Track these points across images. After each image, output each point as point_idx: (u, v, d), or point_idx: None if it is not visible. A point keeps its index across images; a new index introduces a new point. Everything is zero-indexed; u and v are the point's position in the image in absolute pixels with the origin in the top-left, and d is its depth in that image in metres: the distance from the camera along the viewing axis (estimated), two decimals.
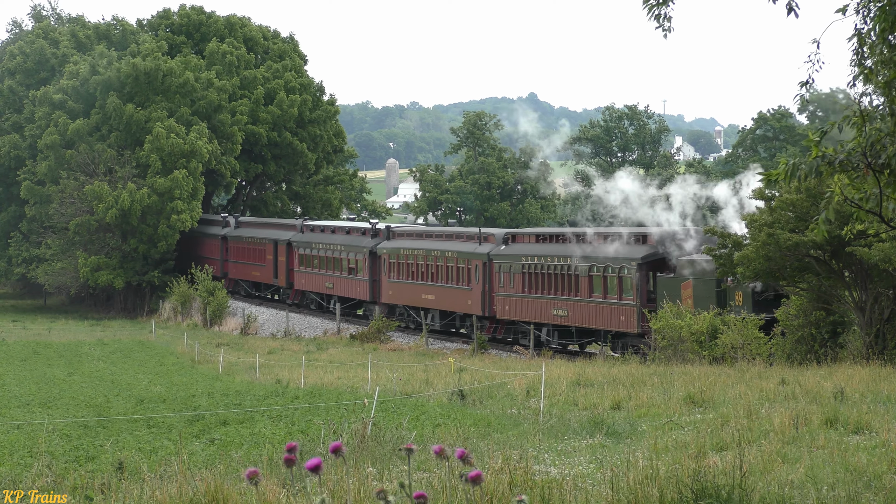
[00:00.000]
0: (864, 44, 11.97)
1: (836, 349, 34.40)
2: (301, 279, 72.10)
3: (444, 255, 58.23)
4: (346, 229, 69.44)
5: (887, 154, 11.72)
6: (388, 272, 62.93)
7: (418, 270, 60.44)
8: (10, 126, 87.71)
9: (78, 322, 76.76)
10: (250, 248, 78.27)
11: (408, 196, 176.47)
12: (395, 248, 62.68)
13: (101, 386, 37.72)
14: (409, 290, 61.11)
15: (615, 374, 33.68)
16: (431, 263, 59.30)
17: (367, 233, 66.13)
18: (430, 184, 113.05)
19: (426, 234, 62.73)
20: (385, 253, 63.27)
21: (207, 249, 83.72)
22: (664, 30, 11.92)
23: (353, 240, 67.04)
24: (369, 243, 65.04)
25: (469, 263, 56.37)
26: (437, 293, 58.82)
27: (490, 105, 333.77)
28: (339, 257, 67.61)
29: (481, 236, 56.71)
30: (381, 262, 63.65)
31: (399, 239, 63.90)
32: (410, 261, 61.06)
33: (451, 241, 59.12)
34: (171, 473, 15.00)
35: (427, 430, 21.53)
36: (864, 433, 18.18)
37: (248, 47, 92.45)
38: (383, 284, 63.44)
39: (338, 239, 68.64)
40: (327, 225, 72.52)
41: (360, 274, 65.53)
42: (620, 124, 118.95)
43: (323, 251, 69.35)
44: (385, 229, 65.26)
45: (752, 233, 34.69)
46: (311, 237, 71.42)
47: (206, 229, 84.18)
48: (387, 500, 7.29)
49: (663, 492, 12.16)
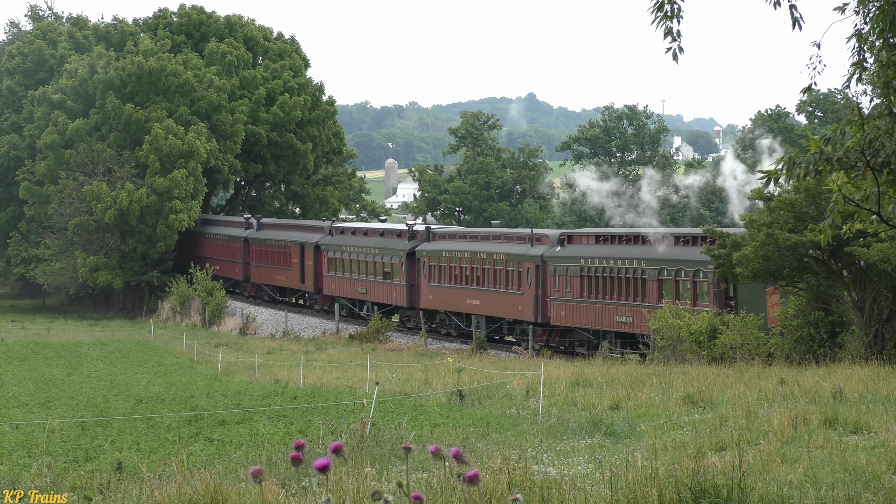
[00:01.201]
0: (864, 43, 11.97)
1: (835, 349, 34.40)
2: (330, 284, 68.41)
3: (491, 258, 55.06)
4: (381, 231, 65.79)
5: (886, 152, 11.72)
6: (427, 276, 59.62)
7: (462, 274, 57.24)
8: (9, 126, 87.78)
9: (77, 322, 76.76)
10: (274, 251, 74.64)
11: (407, 196, 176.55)
12: (436, 251, 59.37)
13: (100, 386, 37.71)
14: (452, 295, 57.95)
15: (614, 374, 33.68)
16: (477, 266, 56.09)
17: (404, 234, 62.71)
18: (428, 184, 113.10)
19: (471, 236, 59.25)
20: (425, 255, 59.96)
21: (226, 251, 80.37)
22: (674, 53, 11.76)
23: (389, 242, 63.45)
24: (407, 245, 61.67)
25: (520, 266, 53.06)
26: (484, 298, 55.72)
27: (489, 105, 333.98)
28: (372, 260, 64.04)
29: (533, 237, 53.44)
30: (421, 265, 60.35)
31: (440, 240, 60.54)
32: (453, 263, 57.77)
33: (499, 243, 55.86)
34: (170, 473, 15.00)
35: (426, 431, 21.53)
36: (863, 433, 18.18)
37: (248, 47, 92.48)
38: (422, 289, 60.34)
39: (371, 241, 64.97)
40: (359, 227, 69.15)
41: (396, 278, 62.10)
42: (619, 124, 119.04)
43: (355, 254, 65.73)
44: (424, 230, 61.91)
45: (750, 233, 34.69)
46: (341, 240, 67.92)
47: (226, 231, 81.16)
48: (384, 500, 7.29)
49: (662, 492, 12.16)
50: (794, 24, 11.87)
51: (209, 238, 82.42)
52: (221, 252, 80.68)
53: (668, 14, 11.63)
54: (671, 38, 11.70)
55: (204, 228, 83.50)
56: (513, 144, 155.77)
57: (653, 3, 11.68)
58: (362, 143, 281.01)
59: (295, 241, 71.91)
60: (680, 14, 11.64)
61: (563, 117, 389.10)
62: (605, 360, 43.31)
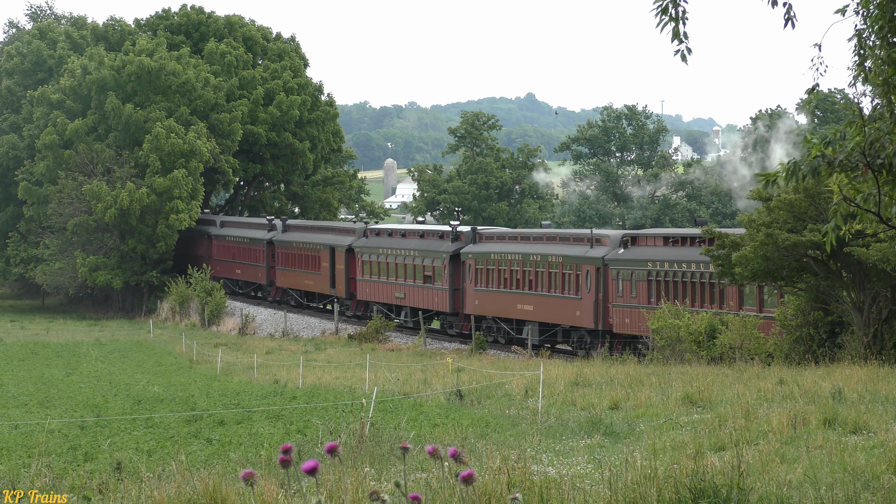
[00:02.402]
0: (863, 45, 11.97)
1: (835, 349, 34.39)
2: (364, 289, 64.94)
3: (545, 260, 51.83)
4: (420, 232, 62.70)
5: (887, 154, 11.72)
6: (474, 280, 56.43)
7: (513, 277, 54.03)
8: (8, 126, 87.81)
9: (76, 322, 76.75)
10: (302, 255, 71.38)
11: (406, 196, 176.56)
12: (483, 253, 56.20)
13: (99, 386, 37.71)
14: (501, 300, 54.79)
15: (613, 374, 33.68)
16: (530, 269, 52.80)
17: (447, 236, 59.39)
18: (428, 184, 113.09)
19: (522, 237, 56.38)
20: (471, 258, 56.76)
21: (248, 255, 77.52)
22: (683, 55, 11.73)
23: (430, 244, 60.26)
24: (450, 247, 58.35)
25: (578, 269, 49.75)
26: (537, 303, 52.39)
27: (488, 105, 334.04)
28: (412, 263, 60.73)
29: (593, 238, 50.14)
30: (466, 268, 57.17)
31: (487, 242, 57.41)
32: (503, 266, 54.59)
33: (554, 244, 52.56)
34: (169, 473, 14.99)
35: (425, 430, 21.53)
36: (863, 433, 18.17)
37: (248, 47, 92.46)
38: (468, 293, 57.17)
39: (410, 243, 61.57)
40: (396, 228, 65.95)
41: (438, 282, 58.93)
42: (619, 124, 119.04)
43: (392, 257, 62.26)
44: (470, 231, 58.61)
45: (750, 233, 34.68)
46: (376, 242, 64.45)
47: (247, 233, 78.16)
48: (382, 501, 7.28)
49: (661, 492, 12.16)
50: (786, 22, 11.88)
51: (229, 240, 79.78)
52: (243, 255, 78.12)
53: (673, 17, 11.61)
54: (678, 40, 11.67)
55: (223, 230, 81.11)
56: (512, 144, 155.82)
57: (656, 6, 11.65)
58: (361, 143, 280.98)
59: (325, 243, 68.86)
60: (685, 17, 11.63)
61: (562, 117, 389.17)
62: (605, 360, 43.26)
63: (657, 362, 38.56)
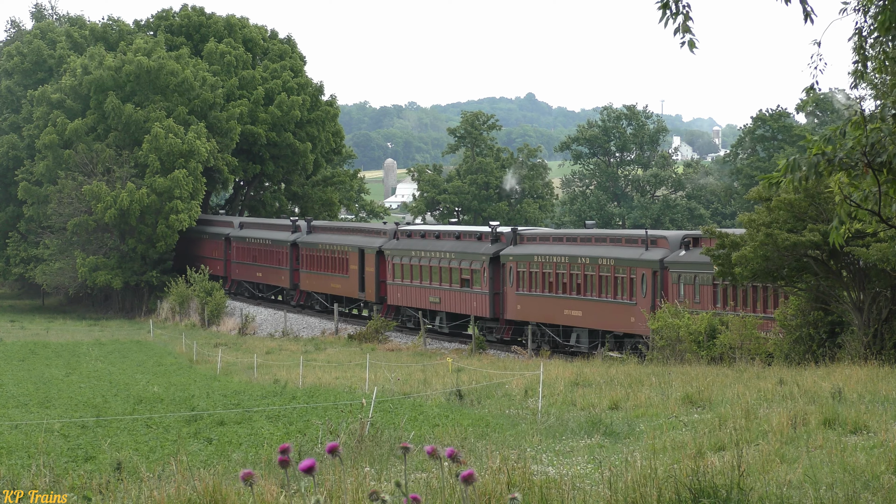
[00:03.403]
0: (864, 42, 11.97)
1: (835, 349, 34.40)
2: (396, 293, 62.14)
3: (595, 263, 49.03)
4: (456, 233, 59.69)
5: (888, 153, 11.73)
6: (515, 283, 53.71)
7: (559, 281, 51.17)
8: (8, 126, 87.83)
9: (76, 322, 76.75)
10: (329, 257, 68.68)
11: (406, 196, 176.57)
12: (525, 255, 53.39)
13: (99, 386, 37.71)
14: (547, 305, 51.84)
15: (613, 374, 33.69)
16: (577, 273, 50.06)
17: (486, 237, 56.79)
18: (427, 184, 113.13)
19: (568, 238, 53.51)
20: (512, 260, 54.10)
21: (270, 257, 74.73)
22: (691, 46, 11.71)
23: (468, 246, 57.45)
24: (490, 249, 55.59)
25: (632, 272, 47.04)
26: (586, 308, 49.49)
27: (488, 105, 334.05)
28: (448, 266, 57.94)
29: (648, 239, 47.32)
30: (507, 271, 54.46)
31: (530, 243, 54.45)
32: (548, 269, 51.68)
33: (605, 246, 49.86)
34: (169, 473, 14.99)
35: (425, 431, 21.53)
36: (862, 433, 18.17)
37: (247, 48, 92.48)
38: (509, 298, 54.42)
39: (446, 245, 58.84)
40: (430, 229, 63.48)
41: (477, 286, 56.16)
42: (618, 124, 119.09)
43: (426, 260, 59.46)
44: (511, 232, 55.80)
45: (750, 233, 34.69)
46: (408, 244, 61.76)
47: (269, 234, 75.56)
48: (382, 501, 7.28)
49: (661, 492, 12.16)
50: (805, 17, 11.86)
51: (248, 242, 77.30)
52: (264, 257, 75.59)
53: (675, 11, 11.62)
54: (682, 33, 11.68)
55: (243, 232, 78.60)
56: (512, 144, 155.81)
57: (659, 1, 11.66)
58: (361, 143, 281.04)
59: (354, 245, 66.30)
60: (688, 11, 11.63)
61: (561, 117, 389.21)
62: (605, 360, 43.27)
63: (657, 362, 38.57)
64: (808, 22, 11.81)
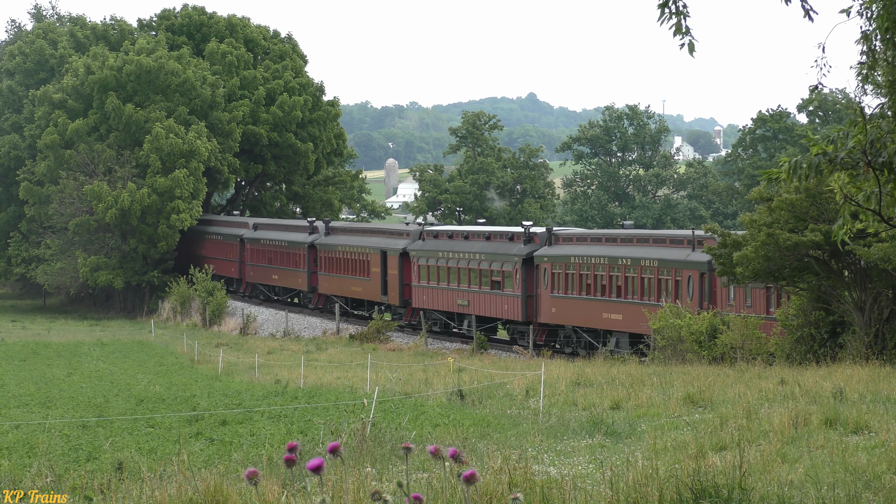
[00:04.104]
0: (870, 44, 11.97)
1: (836, 349, 34.39)
2: (420, 296, 59.96)
3: (637, 264, 47.03)
4: (486, 234, 57.44)
5: (888, 152, 11.72)
6: (550, 285, 51.50)
7: (597, 283, 49.06)
8: (10, 126, 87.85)
9: (77, 322, 76.78)
10: (349, 259, 66.43)
11: (407, 196, 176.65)
12: (561, 256, 51.19)
13: (101, 386, 37.72)
14: (584, 308, 49.75)
15: (614, 374, 33.69)
16: (618, 274, 48.06)
17: (518, 237, 54.53)
18: (429, 184, 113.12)
19: (607, 238, 51.28)
20: (546, 262, 51.85)
21: (286, 259, 72.84)
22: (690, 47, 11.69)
23: (499, 246, 55.32)
24: (522, 250, 53.38)
25: (678, 274, 45.13)
26: (627, 312, 47.37)
27: (489, 105, 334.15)
28: (477, 268, 55.92)
29: (695, 240, 45.12)
30: (541, 273, 52.21)
31: (566, 244, 52.27)
32: (585, 271, 49.67)
33: (647, 247, 47.75)
34: (170, 473, 15.00)
35: (426, 430, 21.54)
36: (864, 433, 18.18)
37: (249, 48, 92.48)
38: (543, 301, 52.11)
39: (475, 246, 56.63)
40: (458, 230, 60.56)
41: (508, 288, 54.02)
42: (620, 124, 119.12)
43: (454, 261, 57.37)
44: (545, 233, 53.54)
45: (751, 232, 34.69)
46: (434, 245, 59.57)
47: (285, 235, 73.56)
48: (384, 501, 7.28)
49: (663, 492, 12.16)
50: (805, 14, 11.84)
51: (264, 244, 75.12)
52: (280, 259, 73.76)
53: (673, 12, 11.62)
54: (681, 34, 11.67)
55: (257, 233, 76.42)
56: (513, 144, 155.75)
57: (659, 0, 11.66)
58: (363, 143, 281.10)
59: (375, 246, 64.08)
60: (686, 11, 11.63)
61: (563, 117, 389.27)
62: (606, 360, 43.25)
63: (658, 362, 38.57)
64: (808, 19, 11.81)
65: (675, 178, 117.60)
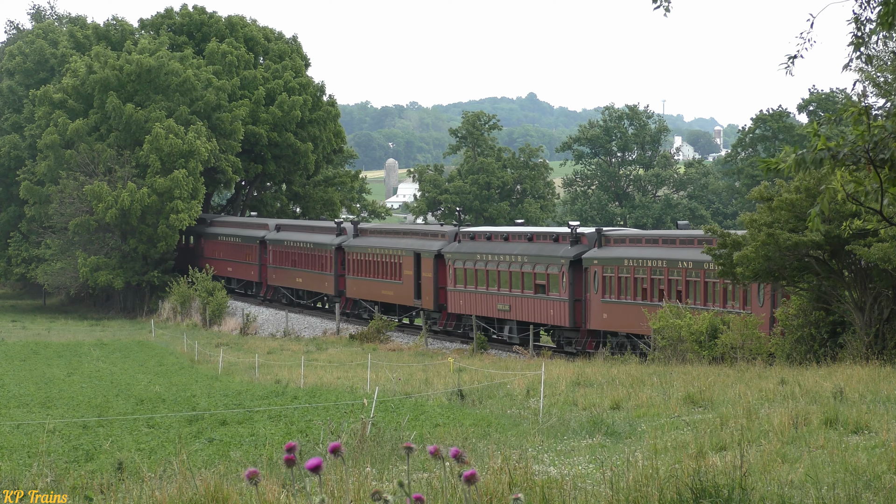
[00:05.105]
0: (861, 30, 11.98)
1: (836, 349, 34.38)
2: (457, 300, 57.37)
3: (700, 267, 44.02)
4: (528, 235, 54.75)
5: (891, 152, 11.73)
6: (601, 290, 48.64)
7: (654, 287, 46.45)
8: (10, 126, 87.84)
9: (77, 322, 76.76)
10: (379, 262, 63.88)
11: (407, 196, 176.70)
12: (613, 258, 48.51)
13: (101, 386, 37.71)
14: (640, 314, 45.65)
15: (614, 374, 33.68)
16: (678, 278, 45.25)
17: (564, 238, 51.76)
18: (429, 184, 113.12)
19: (664, 240, 47.85)
20: (597, 264, 49.04)
21: (311, 261, 70.44)
22: (665, 9, 11.77)
23: (543, 248, 52.56)
24: (570, 252, 50.48)
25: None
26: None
27: (489, 105, 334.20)
28: (519, 271, 53.07)
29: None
30: (590, 276, 49.39)
31: (618, 246, 49.44)
32: (641, 274, 46.90)
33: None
34: (170, 473, 15.00)
35: (427, 430, 21.53)
36: (864, 433, 18.17)
37: (249, 47, 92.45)
38: (593, 305, 49.20)
39: (517, 248, 54.02)
40: (497, 231, 57.96)
41: (554, 292, 51.02)
42: (620, 124, 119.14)
43: (493, 264, 54.71)
44: (594, 234, 50.57)
45: (751, 232, 34.68)
46: (472, 247, 56.87)
47: (310, 237, 71.30)
48: (384, 501, 7.28)
49: (663, 492, 12.15)
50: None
51: (287, 246, 72.98)
52: (305, 262, 71.39)
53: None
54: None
55: (280, 235, 74.28)
56: (513, 144, 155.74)
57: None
58: (363, 143, 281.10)
59: (408, 248, 61.53)
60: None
61: (563, 117, 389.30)
62: (606, 360, 43.24)
63: (658, 362, 38.57)
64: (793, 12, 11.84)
65: (675, 178, 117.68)
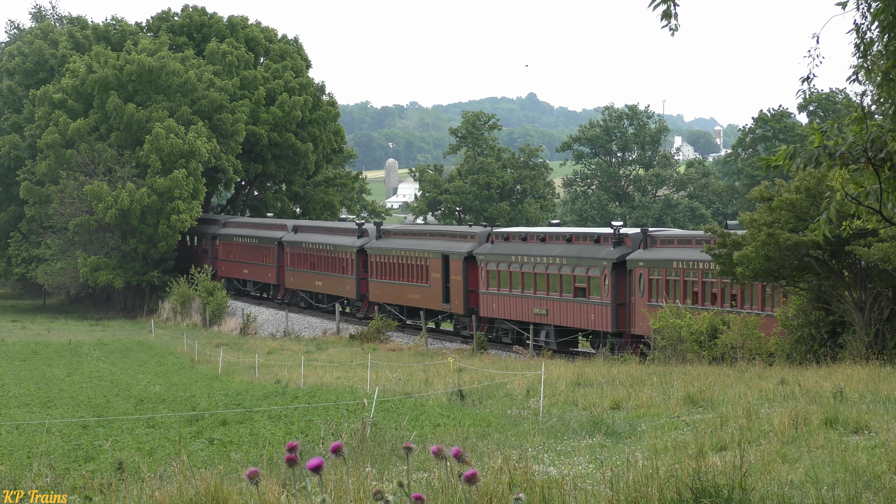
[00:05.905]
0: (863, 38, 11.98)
1: (836, 349, 34.39)
2: (489, 304, 55.08)
3: None
4: (566, 236, 52.12)
5: (888, 150, 11.73)
6: (647, 293, 46.51)
7: (706, 290, 44.14)
8: (10, 126, 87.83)
9: (77, 322, 76.76)
10: (404, 265, 61.81)
11: (407, 196, 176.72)
12: (661, 260, 46.16)
13: (101, 386, 37.72)
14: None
15: (615, 374, 33.69)
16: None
17: (606, 239, 49.54)
18: (429, 184, 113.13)
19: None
20: (642, 266, 46.79)
21: (331, 264, 68.34)
22: (671, 29, 11.77)
23: (583, 249, 50.30)
24: (612, 254, 48.26)
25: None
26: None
27: (489, 105, 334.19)
28: (557, 273, 50.78)
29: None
30: (635, 278, 47.20)
31: (665, 247, 47.07)
32: (692, 277, 44.67)
33: None
34: (170, 473, 15.00)
35: (427, 430, 21.54)
36: (864, 433, 18.17)
37: (249, 47, 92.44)
38: (638, 309, 46.89)
39: (555, 249, 51.75)
40: (532, 231, 55.61)
41: (595, 295, 48.94)
42: (620, 124, 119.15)
43: (528, 266, 52.37)
44: (639, 234, 48.28)
45: (751, 232, 34.69)
46: (505, 248, 54.48)
47: (330, 239, 69.32)
48: (385, 500, 7.28)
49: (663, 492, 12.15)
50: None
51: (306, 248, 71.02)
52: (325, 265, 69.15)
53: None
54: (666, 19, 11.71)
55: (298, 237, 72.39)
56: (513, 144, 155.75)
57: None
58: (363, 143, 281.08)
59: (436, 250, 59.18)
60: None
61: (563, 117, 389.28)
62: (606, 360, 43.25)
63: (658, 362, 38.57)
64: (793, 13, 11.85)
65: (675, 178, 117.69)
